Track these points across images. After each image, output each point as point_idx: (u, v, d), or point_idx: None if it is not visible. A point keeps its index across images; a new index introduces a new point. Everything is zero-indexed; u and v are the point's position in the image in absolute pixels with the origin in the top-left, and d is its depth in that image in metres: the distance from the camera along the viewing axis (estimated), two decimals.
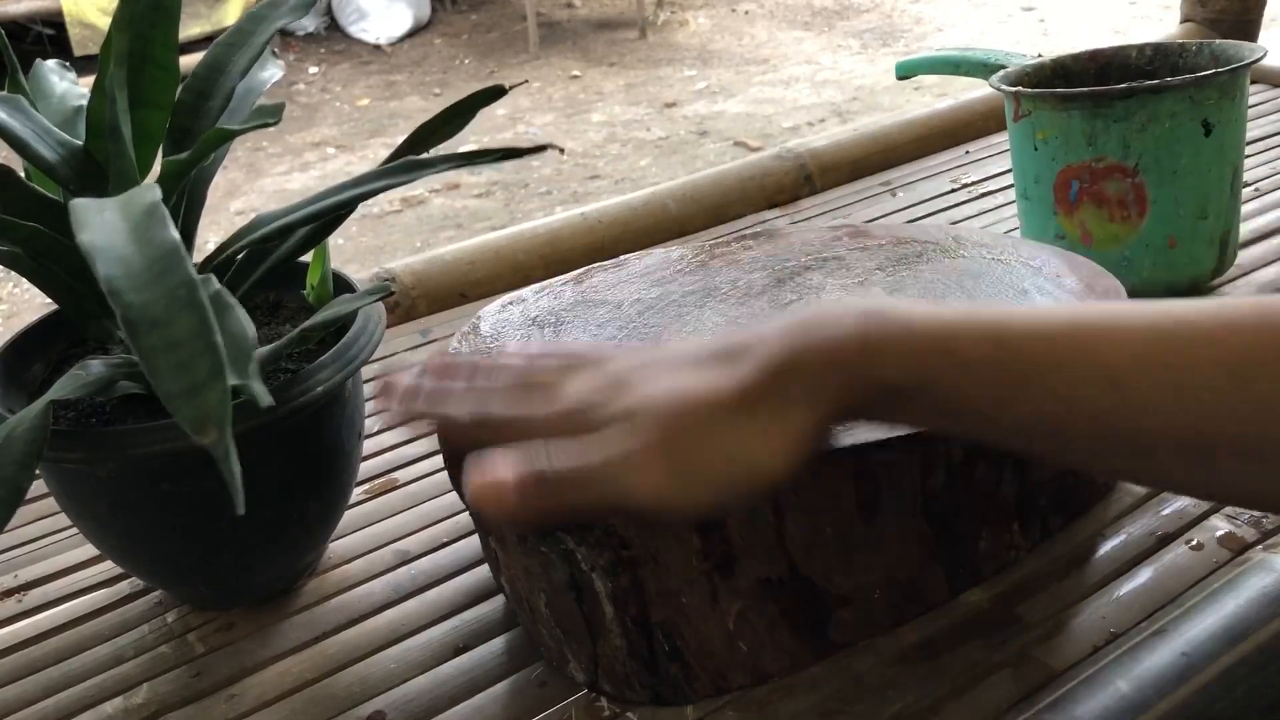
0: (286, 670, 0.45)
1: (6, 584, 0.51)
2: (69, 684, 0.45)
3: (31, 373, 0.47)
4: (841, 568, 0.40)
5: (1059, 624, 0.42)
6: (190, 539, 0.44)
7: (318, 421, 0.44)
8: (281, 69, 0.49)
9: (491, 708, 0.42)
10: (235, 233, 0.44)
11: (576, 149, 3.38)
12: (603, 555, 0.38)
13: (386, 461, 0.58)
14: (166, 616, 0.48)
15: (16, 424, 0.36)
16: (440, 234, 2.85)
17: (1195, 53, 0.65)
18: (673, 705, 0.40)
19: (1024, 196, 0.65)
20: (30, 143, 0.42)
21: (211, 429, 0.28)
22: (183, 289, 0.30)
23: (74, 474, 0.43)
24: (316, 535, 0.49)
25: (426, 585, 0.48)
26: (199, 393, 0.29)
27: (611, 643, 0.40)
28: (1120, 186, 0.60)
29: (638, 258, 0.57)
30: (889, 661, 0.41)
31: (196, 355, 0.29)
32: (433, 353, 0.47)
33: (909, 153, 0.94)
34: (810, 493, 0.39)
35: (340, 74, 4.50)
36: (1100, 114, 0.59)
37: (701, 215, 0.86)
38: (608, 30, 4.89)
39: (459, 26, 5.05)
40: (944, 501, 0.41)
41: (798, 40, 4.51)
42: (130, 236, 0.32)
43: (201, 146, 0.40)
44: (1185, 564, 0.44)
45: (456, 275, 0.77)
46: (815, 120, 3.49)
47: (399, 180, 0.42)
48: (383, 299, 0.44)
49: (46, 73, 0.49)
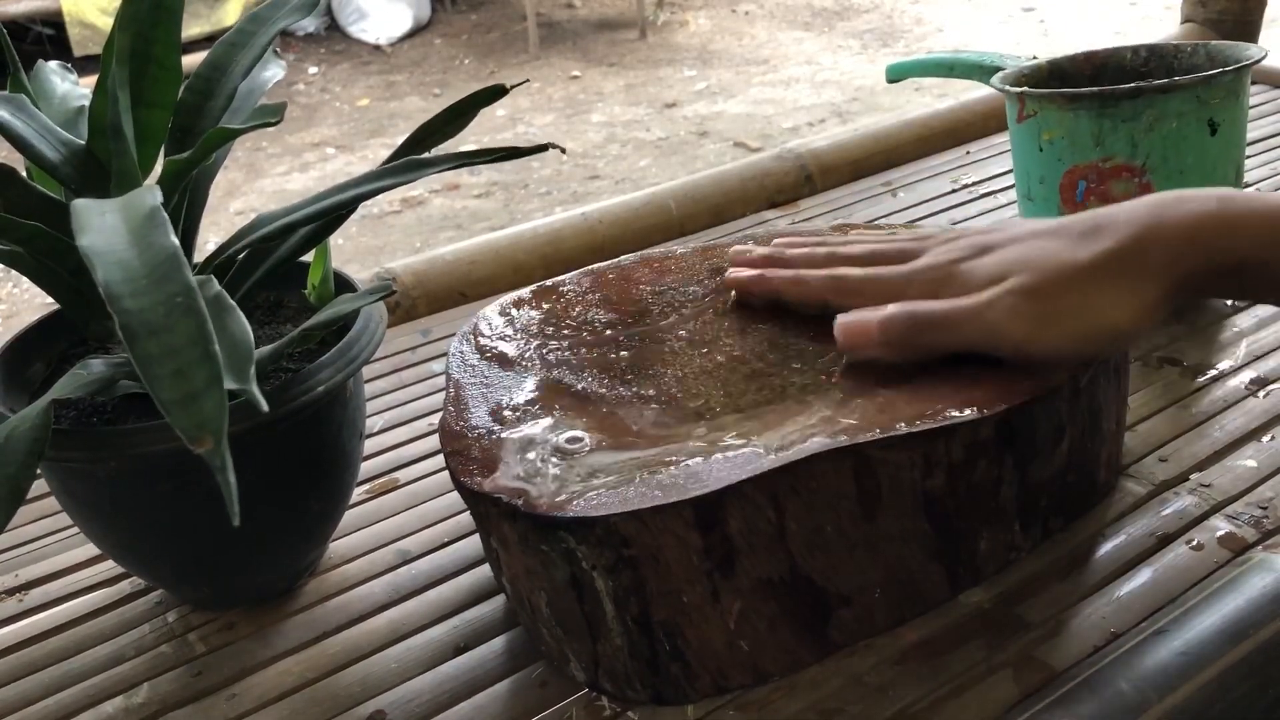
0: (287, 670, 0.45)
1: (7, 583, 0.51)
2: (69, 683, 0.45)
3: (32, 372, 0.47)
4: (842, 567, 0.40)
5: (1059, 624, 0.42)
6: (191, 538, 0.44)
7: (319, 421, 0.44)
8: (284, 69, 0.50)
9: (492, 707, 0.42)
10: (236, 232, 0.44)
11: (576, 149, 3.38)
12: (604, 554, 0.38)
13: (387, 461, 0.58)
14: (167, 616, 0.48)
15: (18, 423, 0.36)
16: (440, 234, 2.85)
17: (1191, 53, 0.65)
18: (673, 705, 0.40)
19: (1027, 197, 0.65)
20: (32, 142, 0.42)
21: (208, 438, 0.28)
22: (182, 296, 0.30)
23: (75, 473, 0.43)
24: (317, 535, 0.49)
25: (427, 585, 0.48)
26: (195, 401, 0.29)
27: (612, 642, 0.40)
28: (1127, 186, 0.60)
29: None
30: (889, 661, 0.41)
31: (194, 363, 0.29)
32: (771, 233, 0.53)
33: (910, 153, 0.94)
34: (811, 492, 0.39)
35: (340, 74, 4.50)
36: (1107, 114, 0.59)
37: (702, 215, 0.86)
38: (608, 30, 4.89)
39: (459, 27, 5.05)
40: (945, 501, 0.41)
41: (798, 41, 4.51)
42: (130, 241, 0.32)
43: (203, 146, 0.40)
44: (1185, 564, 0.44)
45: (457, 275, 0.77)
46: (815, 121, 3.49)
47: (400, 180, 0.42)
48: (384, 299, 0.44)
49: (48, 73, 0.49)
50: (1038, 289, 0.41)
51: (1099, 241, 0.41)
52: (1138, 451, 0.51)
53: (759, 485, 0.38)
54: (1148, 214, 0.41)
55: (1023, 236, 0.44)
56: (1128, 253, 0.40)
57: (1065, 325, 0.41)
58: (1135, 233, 0.41)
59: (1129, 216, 0.41)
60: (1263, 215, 0.39)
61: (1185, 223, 0.40)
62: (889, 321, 0.43)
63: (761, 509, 0.38)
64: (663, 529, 0.37)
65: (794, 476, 0.38)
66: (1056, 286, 0.41)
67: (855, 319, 0.44)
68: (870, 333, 0.43)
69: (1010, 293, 0.41)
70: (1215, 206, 0.40)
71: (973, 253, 0.44)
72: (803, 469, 0.38)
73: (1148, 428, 0.53)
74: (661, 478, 0.38)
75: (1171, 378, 0.56)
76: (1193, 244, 0.40)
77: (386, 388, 0.66)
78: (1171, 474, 0.49)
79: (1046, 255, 0.42)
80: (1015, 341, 0.41)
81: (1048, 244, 0.42)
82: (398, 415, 0.62)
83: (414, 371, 0.67)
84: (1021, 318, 0.41)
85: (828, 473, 0.39)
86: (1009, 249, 0.43)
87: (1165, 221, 0.40)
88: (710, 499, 0.37)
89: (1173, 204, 0.41)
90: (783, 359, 0.45)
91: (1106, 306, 0.40)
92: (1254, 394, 0.54)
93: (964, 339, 0.42)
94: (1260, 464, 0.49)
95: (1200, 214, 0.40)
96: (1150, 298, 0.40)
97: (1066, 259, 0.41)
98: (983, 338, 0.42)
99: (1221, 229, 0.40)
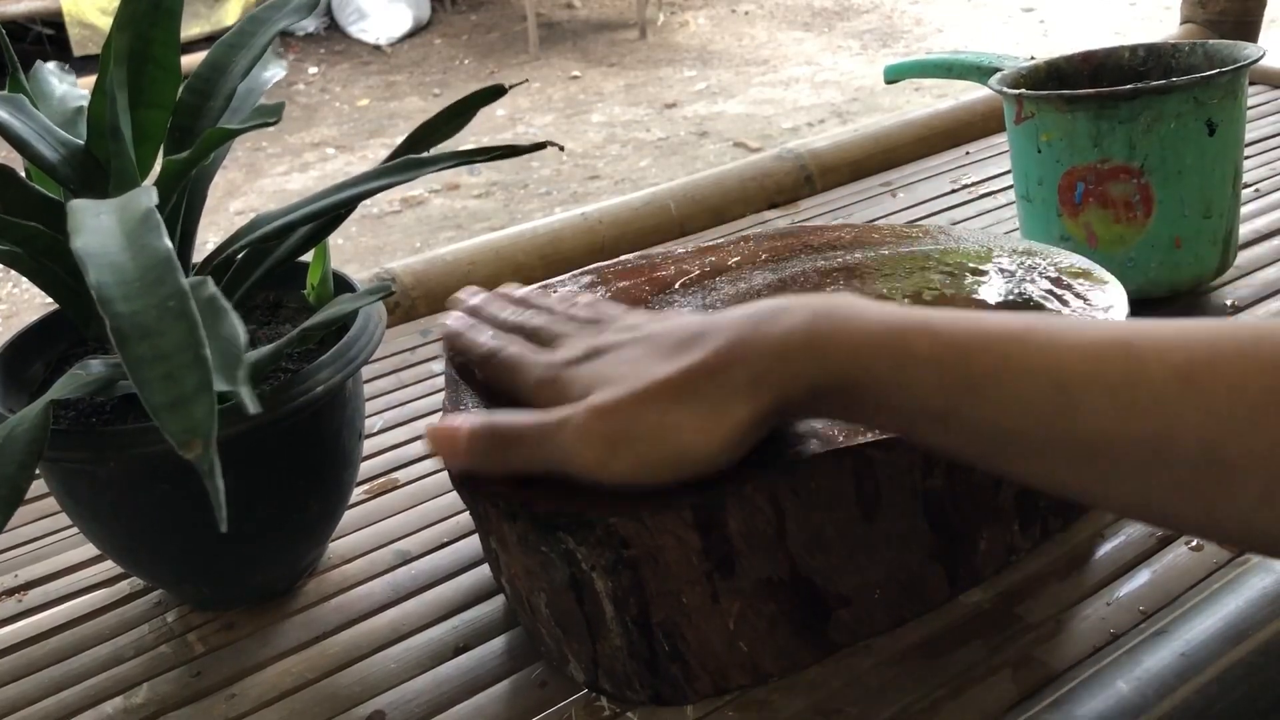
0: (287, 670, 0.45)
1: (7, 583, 0.51)
2: (69, 683, 0.45)
3: (32, 372, 0.47)
4: (842, 568, 0.40)
5: (1059, 624, 0.42)
6: (190, 539, 0.44)
7: (318, 421, 0.44)
8: (284, 69, 0.49)
9: (492, 707, 0.42)
10: (235, 232, 0.44)
11: (576, 149, 3.38)
12: (603, 555, 0.38)
13: (387, 461, 0.58)
14: (166, 616, 0.48)
15: (17, 423, 0.36)
16: (439, 234, 2.86)
17: (1189, 53, 0.65)
18: (673, 705, 0.40)
19: (1025, 198, 0.65)
20: (31, 142, 0.42)
21: (197, 443, 0.28)
22: (174, 300, 0.30)
23: (74, 473, 0.43)
24: (317, 535, 0.49)
25: (427, 585, 0.48)
26: (185, 405, 0.28)
27: (611, 642, 0.40)
28: (1126, 188, 0.60)
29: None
30: (889, 662, 0.41)
31: (184, 367, 0.29)
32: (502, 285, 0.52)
33: (909, 153, 0.94)
34: (811, 493, 0.39)
35: (340, 74, 4.50)
36: (1105, 115, 0.59)
37: (702, 216, 0.86)
38: (608, 31, 4.89)
39: (459, 27, 5.05)
40: (944, 502, 0.41)
41: (798, 41, 4.51)
42: (124, 244, 0.32)
43: (202, 146, 0.40)
44: (1185, 565, 0.44)
45: (457, 275, 0.77)
46: (815, 121, 3.49)
47: (400, 179, 0.42)
48: (383, 299, 0.44)
49: (46, 74, 0.49)
50: (611, 408, 0.37)
51: (688, 356, 0.37)
52: None
53: (758, 486, 0.38)
54: (741, 327, 0.37)
55: (628, 343, 0.40)
56: (713, 369, 0.36)
57: (636, 450, 0.37)
58: (723, 347, 0.36)
59: (725, 328, 0.37)
60: (850, 334, 0.35)
61: (773, 339, 0.36)
62: (472, 436, 0.40)
63: (761, 510, 0.38)
64: (662, 530, 0.37)
65: (794, 477, 0.38)
66: (633, 405, 0.37)
67: (444, 426, 0.40)
68: (457, 443, 0.40)
69: (585, 410, 0.37)
70: (806, 321, 0.35)
71: (585, 354, 0.41)
72: (802, 470, 0.38)
73: None
74: None
75: None
76: (782, 362, 0.35)
77: (386, 388, 0.66)
78: None
79: (634, 369, 0.38)
80: (584, 466, 0.37)
81: (641, 355, 0.39)
82: (397, 415, 0.63)
83: (413, 372, 0.67)
84: (591, 440, 0.37)
85: (827, 474, 0.39)
86: (609, 356, 0.40)
87: (756, 337, 0.36)
88: (710, 500, 0.37)
89: (768, 318, 0.36)
90: None
91: (683, 428, 0.36)
92: None
93: (542, 459, 0.38)
94: None
95: (790, 330, 0.35)
96: (731, 419, 0.36)
97: (650, 375, 0.37)
98: (558, 459, 0.38)
99: (810, 347, 0.35)
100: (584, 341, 0.42)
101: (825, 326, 0.35)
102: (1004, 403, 0.32)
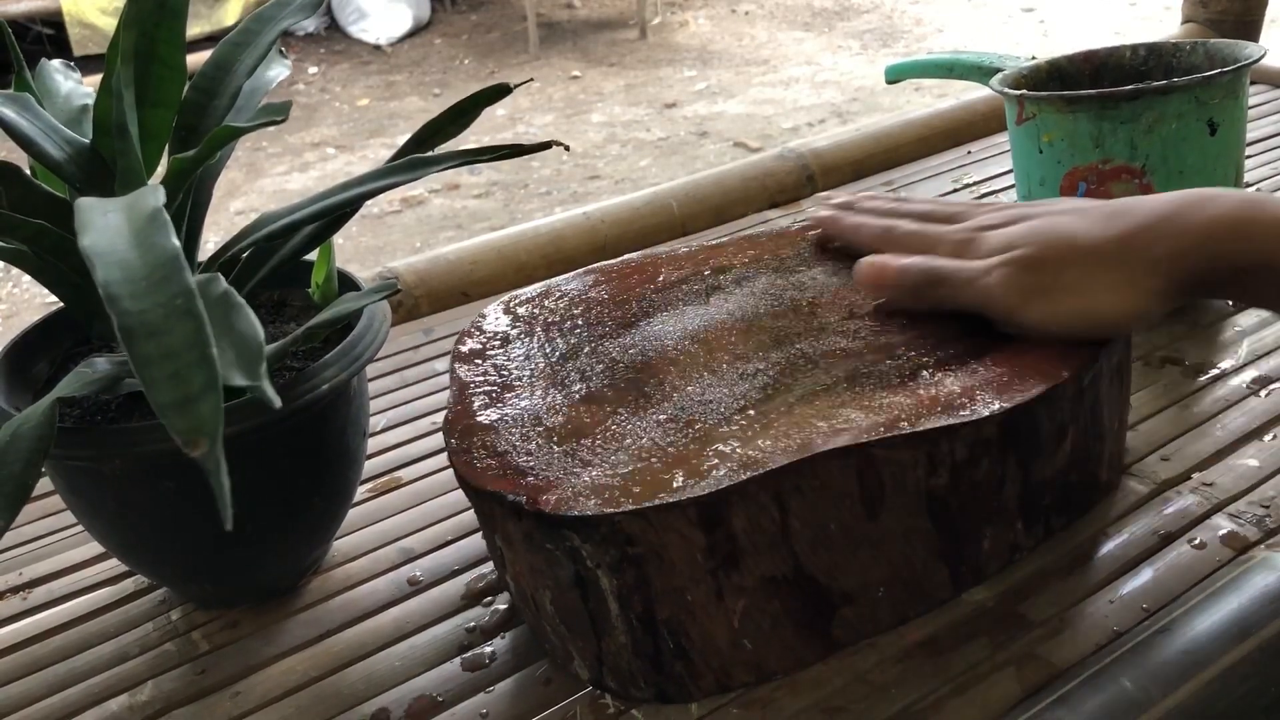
0: (291, 668, 0.45)
1: (11, 581, 0.52)
2: (74, 681, 0.45)
3: (37, 370, 0.47)
4: (845, 566, 0.40)
5: (1062, 622, 0.42)
6: (195, 537, 0.44)
7: (323, 419, 0.44)
8: (288, 67, 0.50)
9: (496, 705, 0.42)
10: (240, 231, 0.44)
11: (576, 149, 3.38)
12: (608, 552, 0.38)
13: (391, 460, 0.58)
14: (171, 614, 0.48)
15: (22, 421, 0.36)
16: (440, 234, 2.86)
17: (1190, 52, 0.65)
18: (677, 703, 0.40)
19: (1027, 199, 0.65)
20: (37, 140, 0.42)
21: (203, 441, 0.28)
22: (181, 298, 0.30)
23: (79, 471, 0.43)
24: (321, 533, 0.49)
25: (431, 583, 0.49)
26: (192, 404, 0.28)
27: (616, 640, 0.40)
28: (1128, 188, 0.60)
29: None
30: (892, 659, 0.41)
31: (191, 366, 0.29)
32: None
33: (911, 153, 0.94)
34: (815, 491, 0.39)
35: (340, 74, 4.50)
36: (1107, 115, 0.59)
37: (704, 215, 0.86)
38: (608, 30, 4.89)
39: (459, 27, 5.05)
40: (948, 500, 0.41)
41: (798, 41, 4.51)
42: (132, 242, 0.32)
43: (208, 144, 0.40)
44: (1188, 563, 0.44)
45: (459, 275, 0.77)
46: (815, 121, 3.49)
47: (403, 178, 0.42)
48: (388, 298, 0.44)
49: (51, 72, 0.49)
50: (1037, 262, 0.42)
51: (1115, 226, 0.41)
52: (1140, 450, 0.51)
53: (763, 484, 0.38)
54: (1167, 209, 0.41)
55: (1052, 212, 0.45)
56: (1136, 242, 0.41)
57: (1056, 302, 0.41)
58: (1148, 224, 0.41)
59: (1150, 208, 0.42)
60: (1271, 224, 0.39)
61: (1200, 223, 0.40)
62: (905, 270, 0.45)
63: (765, 508, 0.38)
64: (667, 527, 0.37)
65: (798, 475, 0.38)
66: (1057, 262, 0.42)
67: (878, 260, 0.46)
68: (888, 275, 0.45)
69: (1011, 262, 0.42)
70: (1234, 209, 0.40)
71: (1004, 222, 0.45)
72: (806, 468, 0.38)
73: (1150, 427, 0.53)
74: (666, 476, 0.39)
75: (1173, 377, 0.56)
76: (1204, 245, 0.40)
77: (390, 386, 0.66)
78: (1173, 473, 0.49)
79: (1059, 231, 0.43)
80: (1005, 309, 0.42)
81: (1068, 221, 0.43)
82: (401, 414, 0.63)
83: (417, 370, 0.67)
84: (1014, 288, 0.42)
85: (831, 471, 0.39)
86: (1033, 222, 0.44)
87: (1181, 218, 0.40)
88: (714, 498, 0.37)
89: (1195, 204, 0.41)
90: (786, 358, 0.45)
91: (1101, 291, 0.41)
92: (1256, 393, 0.54)
93: (965, 299, 0.44)
94: (1262, 463, 0.49)
95: (1217, 216, 0.40)
96: (1148, 291, 0.41)
97: (1076, 238, 0.42)
98: (979, 301, 0.43)
99: (1236, 232, 0.40)
100: (989, 216, 0.46)
101: (1254, 213, 0.39)
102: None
